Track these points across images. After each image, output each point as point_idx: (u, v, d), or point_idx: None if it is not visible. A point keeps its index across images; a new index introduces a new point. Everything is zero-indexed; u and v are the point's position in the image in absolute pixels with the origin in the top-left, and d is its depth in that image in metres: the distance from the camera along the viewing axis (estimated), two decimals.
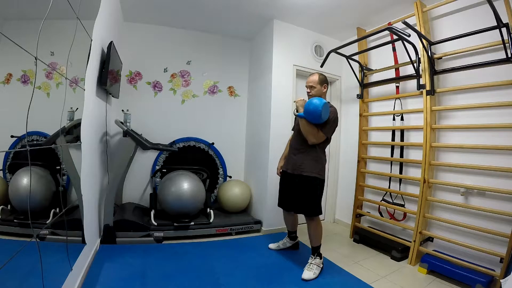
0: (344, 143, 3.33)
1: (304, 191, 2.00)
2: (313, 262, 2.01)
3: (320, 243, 2.06)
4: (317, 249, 2.05)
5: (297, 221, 2.39)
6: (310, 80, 2.08)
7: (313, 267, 1.98)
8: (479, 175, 1.99)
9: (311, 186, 1.99)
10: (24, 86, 1.13)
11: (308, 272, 1.95)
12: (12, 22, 1.01)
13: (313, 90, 2.06)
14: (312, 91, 2.07)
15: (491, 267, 1.84)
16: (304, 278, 1.92)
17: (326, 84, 2.09)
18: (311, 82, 2.07)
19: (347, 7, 2.59)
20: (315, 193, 1.99)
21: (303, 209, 2.03)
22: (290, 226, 2.40)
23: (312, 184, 1.99)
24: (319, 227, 2.04)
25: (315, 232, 2.04)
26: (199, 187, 2.68)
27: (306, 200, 1.99)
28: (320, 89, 2.06)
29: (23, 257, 0.95)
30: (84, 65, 1.67)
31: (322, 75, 2.10)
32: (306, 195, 1.99)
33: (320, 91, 2.06)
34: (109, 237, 2.26)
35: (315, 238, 2.04)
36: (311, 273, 1.95)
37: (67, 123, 1.44)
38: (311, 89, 2.07)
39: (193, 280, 1.83)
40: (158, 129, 3.09)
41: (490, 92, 1.95)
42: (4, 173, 1.15)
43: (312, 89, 2.07)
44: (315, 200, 1.99)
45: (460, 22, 2.11)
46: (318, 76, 2.08)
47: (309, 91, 2.08)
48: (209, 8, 2.73)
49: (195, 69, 3.28)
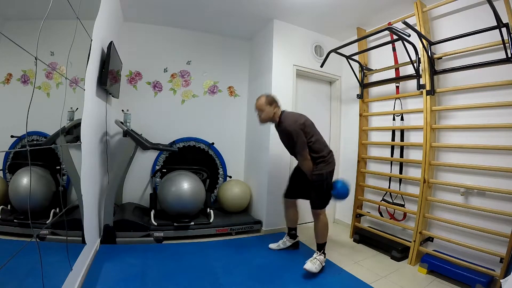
0: (344, 143, 3.33)
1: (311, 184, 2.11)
2: (317, 257, 2.06)
3: (325, 241, 2.12)
4: (322, 246, 2.11)
5: (298, 217, 2.42)
6: (257, 105, 2.14)
7: (316, 262, 2.02)
8: (479, 175, 1.99)
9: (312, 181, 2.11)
10: (24, 86, 1.12)
11: (311, 265, 1.98)
12: (12, 22, 1.01)
13: (263, 114, 2.12)
14: (262, 115, 2.13)
15: (491, 267, 1.84)
16: (306, 268, 1.96)
17: (275, 102, 2.13)
18: (258, 106, 2.13)
19: (347, 7, 2.59)
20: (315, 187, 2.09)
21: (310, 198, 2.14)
22: (290, 222, 2.42)
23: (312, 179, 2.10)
24: (324, 223, 2.11)
25: (319, 228, 2.11)
26: (199, 187, 2.68)
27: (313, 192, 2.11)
28: (269, 110, 2.10)
29: (23, 257, 0.95)
30: (84, 65, 1.67)
31: (268, 96, 2.14)
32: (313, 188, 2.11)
33: (271, 112, 2.10)
34: (109, 237, 2.26)
35: (321, 234, 2.12)
36: (313, 266, 1.98)
37: (67, 123, 1.44)
38: (261, 111, 2.12)
39: (193, 280, 1.83)
40: (158, 129, 3.09)
41: (490, 92, 1.95)
42: (4, 173, 1.15)
43: (261, 113, 2.12)
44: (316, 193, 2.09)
45: (460, 22, 2.11)
46: (264, 98, 2.12)
47: (259, 114, 2.15)
48: (209, 8, 2.74)
49: (195, 69, 3.28)
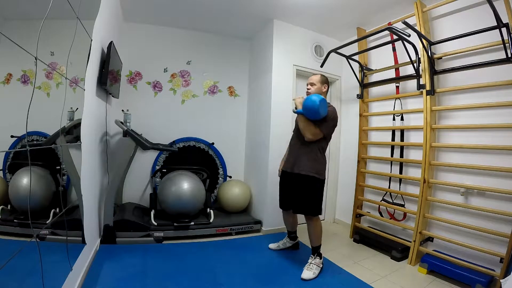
0: (344, 143, 3.32)
1: (302, 190, 2.01)
2: (313, 262, 2.02)
3: (320, 243, 2.06)
4: (317, 249, 2.06)
5: (297, 222, 2.39)
6: (312, 78, 2.13)
7: (313, 267, 1.99)
8: (479, 175, 1.99)
9: (309, 185, 2.00)
10: (24, 86, 1.12)
11: (308, 272, 1.96)
12: (12, 22, 1.01)
13: (313, 87, 2.10)
14: (312, 88, 2.10)
15: (491, 267, 1.84)
16: (303, 277, 1.92)
17: (327, 85, 2.12)
18: (313, 79, 2.12)
19: (347, 7, 2.59)
20: (313, 192, 2.00)
21: (302, 208, 2.04)
22: (290, 226, 2.40)
23: (310, 183, 1.99)
24: (319, 227, 2.05)
25: (314, 233, 2.04)
26: (199, 187, 2.68)
27: (304, 199, 2.00)
28: (320, 87, 2.09)
29: (23, 257, 0.95)
30: (84, 65, 1.67)
31: (324, 76, 2.15)
32: (304, 194, 2.00)
33: (320, 90, 2.09)
34: (109, 237, 2.26)
35: (315, 238, 2.05)
36: (310, 272, 1.95)
37: (67, 123, 1.44)
38: (312, 86, 2.10)
39: (193, 280, 1.83)
40: (158, 129, 3.09)
41: (490, 92, 1.95)
42: (4, 173, 1.15)
43: (313, 86, 2.10)
44: (313, 199, 2.00)
45: (460, 22, 2.11)
46: (320, 76, 2.13)
47: (309, 87, 2.11)
48: (209, 8, 2.74)
49: (195, 69, 3.28)
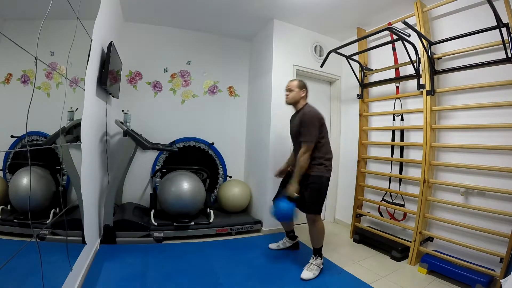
0: (344, 143, 3.32)
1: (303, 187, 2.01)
2: (313, 262, 2.02)
3: (321, 245, 2.06)
4: (318, 251, 2.05)
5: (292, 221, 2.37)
6: (290, 84, 2.17)
7: (313, 268, 1.99)
8: (479, 175, 1.99)
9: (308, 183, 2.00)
10: (24, 86, 1.12)
11: (308, 272, 1.96)
12: (12, 22, 1.00)
13: (291, 93, 2.14)
14: (290, 94, 2.14)
15: (491, 267, 1.84)
16: (303, 277, 1.92)
17: (305, 89, 2.16)
18: (290, 85, 2.16)
19: (347, 7, 2.59)
20: (312, 190, 1.99)
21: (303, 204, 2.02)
22: (286, 226, 2.41)
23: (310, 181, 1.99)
24: (320, 228, 2.03)
25: (315, 234, 2.03)
26: (199, 187, 2.68)
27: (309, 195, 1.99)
28: (298, 92, 2.13)
29: (23, 257, 0.95)
30: (84, 65, 1.67)
31: (301, 81, 2.19)
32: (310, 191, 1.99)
33: (298, 95, 2.13)
34: (109, 237, 2.26)
35: (316, 240, 2.04)
36: (310, 273, 1.95)
37: (67, 123, 1.44)
38: (290, 91, 2.15)
39: (193, 280, 1.83)
40: (158, 129, 3.09)
41: (490, 92, 1.95)
42: (4, 173, 1.15)
43: (291, 92, 2.14)
44: (312, 196, 1.99)
45: (460, 22, 2.11)
46: (297, 81, 2.17)
47: (287, 93, 2.16)
48: (209, 8, 2.74)
49: (195, 69, 3.28)
